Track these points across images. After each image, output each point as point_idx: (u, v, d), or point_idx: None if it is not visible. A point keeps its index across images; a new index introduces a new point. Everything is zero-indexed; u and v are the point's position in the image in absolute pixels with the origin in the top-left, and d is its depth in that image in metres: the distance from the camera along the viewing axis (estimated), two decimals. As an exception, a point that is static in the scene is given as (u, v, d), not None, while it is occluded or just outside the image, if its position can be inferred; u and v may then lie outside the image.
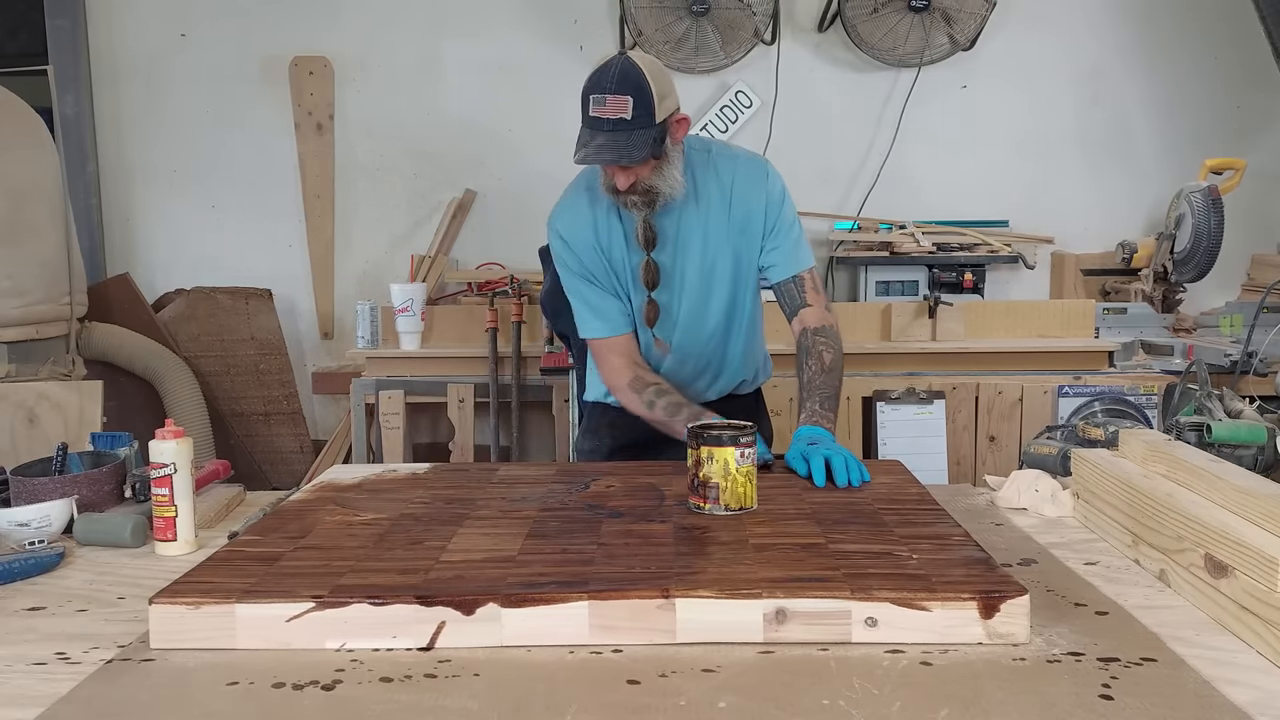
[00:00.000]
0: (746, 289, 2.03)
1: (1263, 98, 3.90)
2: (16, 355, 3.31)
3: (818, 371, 1.90)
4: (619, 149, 1.76)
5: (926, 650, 1.09)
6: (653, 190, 1.86)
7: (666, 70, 1.86)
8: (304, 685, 1.04)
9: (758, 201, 1.96)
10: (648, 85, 1.77)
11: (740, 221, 1.96)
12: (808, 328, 1.95)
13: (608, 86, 1.77)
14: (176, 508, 1.47)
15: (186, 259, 4.08)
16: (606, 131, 1.77)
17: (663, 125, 1.81)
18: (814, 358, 1.91)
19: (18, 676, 1.09)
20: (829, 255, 3.89)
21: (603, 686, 1.03)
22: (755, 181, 1.97)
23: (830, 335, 1.95)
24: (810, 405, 1.85)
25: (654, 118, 1.78)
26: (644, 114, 1.77)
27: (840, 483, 1.60)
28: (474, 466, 1.85)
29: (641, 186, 1.85)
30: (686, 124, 1.89)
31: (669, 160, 1.86)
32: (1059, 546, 1.47)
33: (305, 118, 4.00)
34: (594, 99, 1.78)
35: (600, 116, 1.77)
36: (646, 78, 1.78)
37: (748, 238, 1.97)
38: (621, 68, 1.78)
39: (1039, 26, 3.91)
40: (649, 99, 1.77)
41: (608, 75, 1.78)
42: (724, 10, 3.69)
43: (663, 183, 1.86)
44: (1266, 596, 1.08)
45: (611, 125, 1.77)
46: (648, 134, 1.78)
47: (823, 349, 1.92)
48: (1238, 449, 1.68)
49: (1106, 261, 3.79)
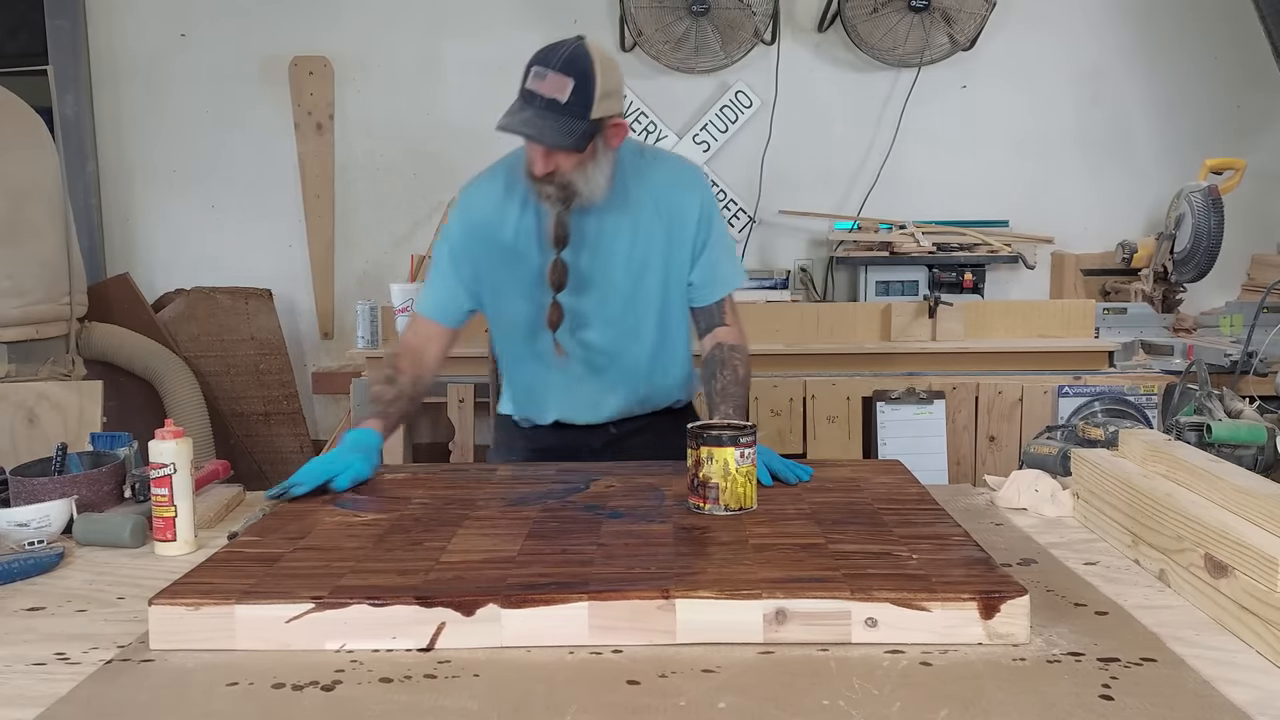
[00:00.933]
0: (677, 300, 1.95)
1: (1263, 98, 3.90)
2: (16, 355, 3.31)
3: (732, 381, 1.86)
4: (541, 127, 1.68)
5: (926, 650, 1.09)
6: (570, 186, 1.76)
7: (620, 71, 1.77)
8: (304, 686, 1.04)
9: (690, 212, 1.89)
10: (593, 76, 1.68)
11: (673, 231, 1.88)
12: (723, 343, 1.92)
13: (553, 63, 1.68)
14: (176, 508, 1.47)
15: (186, 259, 4.08)
16: (537, 108, 1.68)
17: (597, 123, 1.71)
18: (729, 369, 1.87)
19: (17, 677, 1.09)
20: (829, 255, 3.89)
21: (603, 687, 1.03)
22: (689, 191, 1.90)
23: (742, 353, 1.92)
24: (724, 409, 1.81)
25: (589, 111, 1.69)
26: (580, 103, 1.68)
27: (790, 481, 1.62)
28: (474, 466, 1.85)
29: (560, 179, 1.75)
30: (624, 131, 1.80)
31: (596, 162, 1.76)
32: (1059, 546, 1.47)
33: (305, 118, 4.00)
34: (535, 71, 1.69)
35: (535, 91, 1.68)
36: (595, 69, 1.69)
37: (677, 249, 1.89)
38: (574, 50, 1.70)
39: (1039, 26, 3.91)
40: (590, 90, 1.68)
41: (557, 53, 1.69)
42: (724, 10, 3.69)
43: (583, 182, 1.76)
44: (1266, 596, 1.08)
45: (544, 104, 1.68)
46: (577, 124, 1.68)
47: (737, 363, 1.89)
48: (1238, 449, 1.68)
49: (1106, 261, 3.79)
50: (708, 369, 1.90)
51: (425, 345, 1.93)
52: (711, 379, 1.88)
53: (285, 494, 1.58)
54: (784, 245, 3.99)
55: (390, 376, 1.88)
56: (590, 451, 2.00)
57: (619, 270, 1.88)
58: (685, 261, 1.91)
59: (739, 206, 3.93)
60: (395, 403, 1.85)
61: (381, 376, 1.89)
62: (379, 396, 1.85)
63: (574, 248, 1.84)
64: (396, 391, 1.86)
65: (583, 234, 1.84)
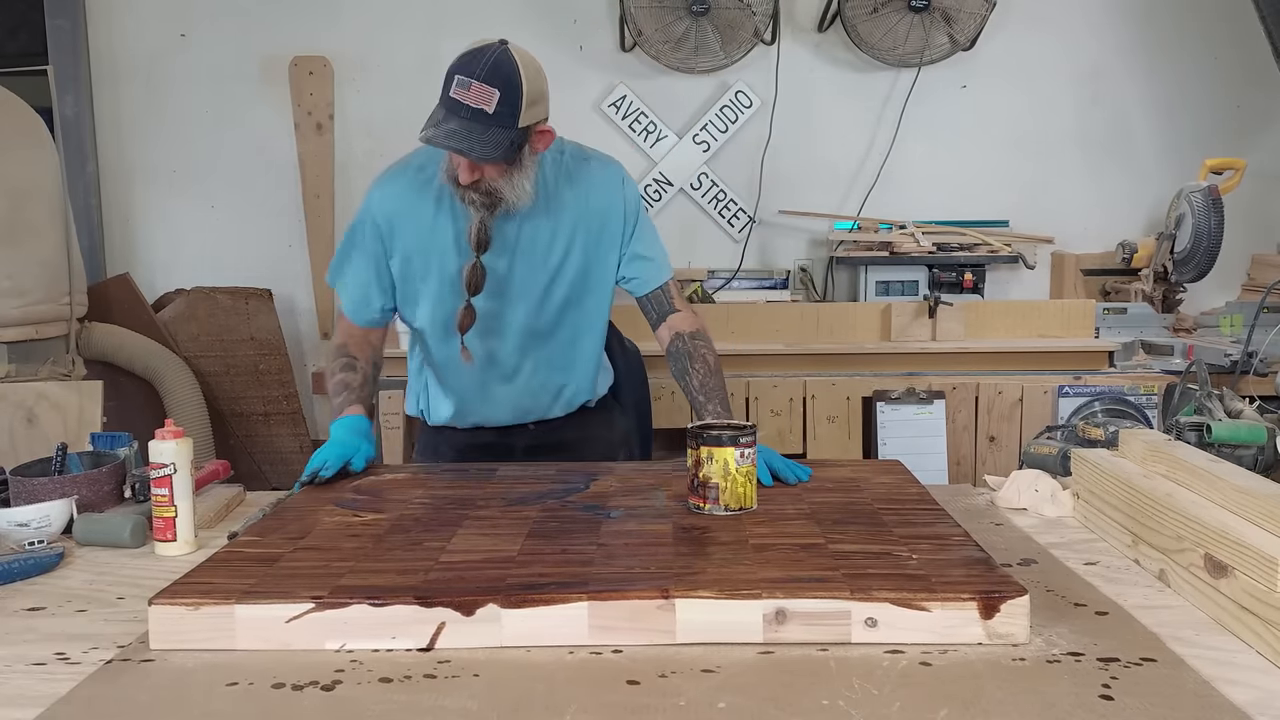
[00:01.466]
0: (600, 299, 1.92)
1: (1263, 98, 3.90)
2: (16, 355, 3.31)
3: (707, 375, 1.85)
4: (469, 140, 1.63)
5: (926, 650, 1.09)
6: (496, 194, 1.73)
7: (544, 75, 1.72)
8: (304, 686, 1.04)
9: (615, 209, 1.87)
10: (519, 84, 1.64)
11: (595, 229, 1.86)
12: (681, 332, 1.89)
13: (477, 72, 1.62)
14: (176, 508, 1.47)
15: (186, 259, 4.08)
16: (462, 118, 1.63)
17: (524, 131, 1.68)
18: (698, 361, 1.86)
19: (17, 676, 1.09)
20: (829, 255, 3.89)
21: (602, 687, 1.03)
22: (611, 188, 1.88)
23: (705, 339, 1.90)
24: (711, 407, 1.80)
25: (517, 120, 1.65)
26: (507, 113, 1.63)
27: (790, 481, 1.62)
28: (474, 466, 1.85)
29: (485, 186, 1.72)
30: (550, 137, 1.76)
31: (522, 168, 1.73)
32: (1059, 546, 1.47)
33: (305, 117, 3.99)
34: (459, 79, 1.63)
35: (460, 100, 1.63)
36: (521, 76, 1.64)
37: (603, 246, 1.88)
38: (498, 58, 1.64)
39: (1039, 26, 3.91)
40: (517, 99, 1.63)
41: (480, 61, 1.63)
42: (724, 10, 3.69)
43: (509, 190, 1.73)
44: (1266, 596, 1.08)
45: (469, 114, 1.63)
46: (506, 134, 1.65)
47: (704, 352, 1.87)
48: (1238, 449, 1.68)
49: (1106, 261, 3.79)
50: (676, 364, 1.88)
51: (365, 333, 1.95)
52: (685, 375, 1.86)
53: (315, 478, 1.66)
54: (784, 245, 3.99)
55: (349, 363, 1.90)
56: (512, 453, 1.99)
57: (538, 273, 1.85)
58: (610, 261, 1.90)
59: (739, 206, 3.93)
60: (365, 386, 1.89)
61: (340, 365, 1.89)
62: (348, 383, 1.86)
63: (493, 252, 1.81)
64: (361, 376, 1.89)
65: (503, 238, 1.81)
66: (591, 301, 1.92)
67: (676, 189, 3.94)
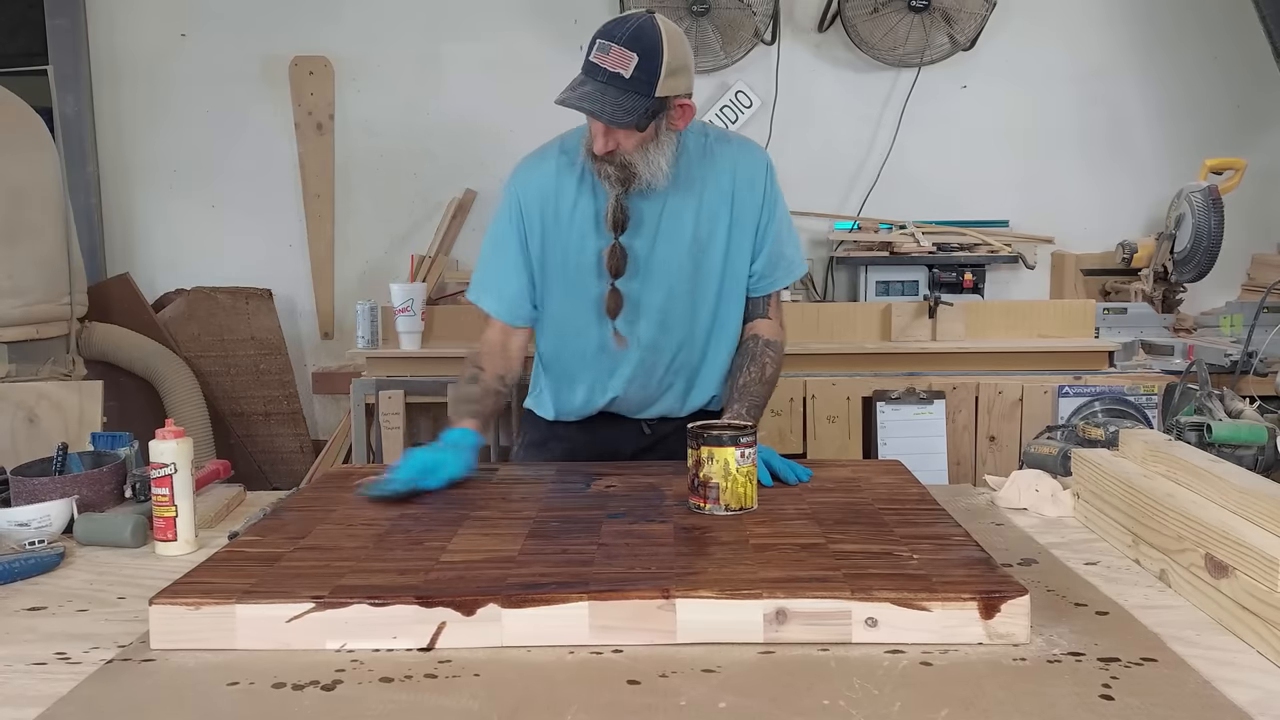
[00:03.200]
0: (735, 289, 1.88)
1: (1263, 98, 3.90)
2: (16, 355, 3.31)
3: (756, 379, 1.83)
4: (602, 102, 1.62)
5: (927, 650, 1.09)
6: (630, 168, 1.70)
7: (687, 51, 1.69)
8: (304, 685, 1.04)
9: (754, 198, 1.83)
10: (660, 52, 1.62)
11: (736, 215, 1.82)
12: (760, 335, 1.87)
13: (618, 37, 1.61)
14: (176, 508, 1.47)
15: (186, 259, 4.08)
16: (598, 82, 1.62)
17: (661, 102, 1.66)
18: (757, 365, 1.84)
19: (18, 676, 1.09)
20: (829, 255, 3.89)
21: (603, 687, 1.03)
22: (755, 175, 1.83)
23: (778, 351, 1.88)
24: (737, 408, 1.77)
25: (654, 88, 1.63)
26: (644, 79, 1.61)
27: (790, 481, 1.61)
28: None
29: (620, 159, 1.69)
30: (690, 112, 1.73)
31: (659, 144, 1.70)
32: (1059, 546, 1.47)
33: (305, 118, 3.99)
34: (599, 44, 1.63)
35: (598, 64, 1.62)
36: (663, 45, 1.62)
37: (740, 234, 1.83)
38: (641, 24, 1.63)
39: (1039, 26, 3.91)
40: (656, 66, 1.62)
41: (623, 26, 1.62)
42: (724, 10, 3.69)
43: (644, 164, 1.70)
44: (1267, 596, 1.08)
45: (606, 77, 1.61)
46: (641, 101, 1.63)
47: (767, 361, 1.85)
48: (1238, 449, 1.68)
49: (1106, 261, 3.79)
50: (738, 360, 1.87)
51: (506, 340, 1.88)
52: (738, 371, 1.85)
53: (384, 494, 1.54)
54: (784, 245, 3.99)
55: (474, 375, 1.85)
56: (622, 456, 1.94)
57: (681, 256, 1.81)
58: (747, 248, 1.85)
59: (739, 206, 3.93)
60: (484, 399, 1.83)
61: (466, 376, 1.86)
62: (467, 396, 1.83)
63: (633, 232, 1.78)
64: (482, 389, 1.84)
65: (642, 218, 1.78)
66: (729, 293, 1.87)
67: (676, 189, 3.93)
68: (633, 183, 1.72)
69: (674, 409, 1.96)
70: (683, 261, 1.82)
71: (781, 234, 1.88)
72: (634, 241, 1.79)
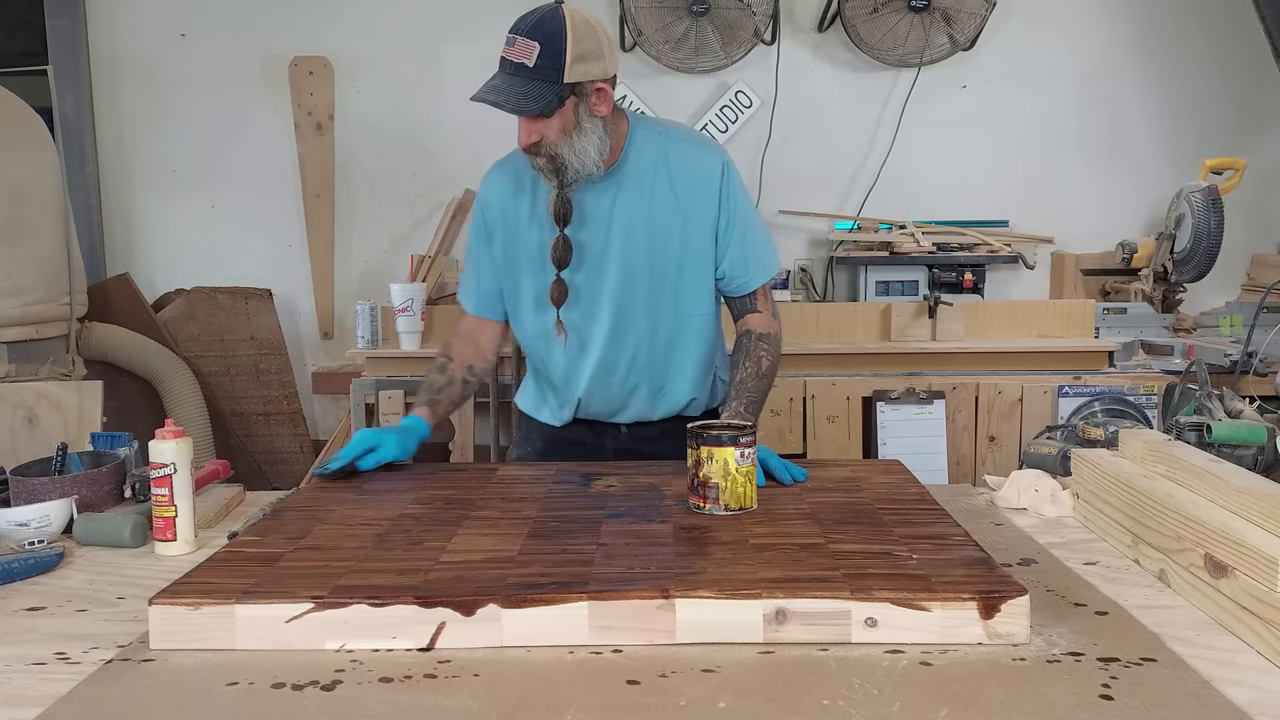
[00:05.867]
0: (701, 290, 1.87)
1: (1263, 98, 3.90)
2: (16, 355, 3.31)
3: (753, 375, 1.82)
4: (507, 93, 1.64)
5: (926, 650, 1.09)
6: (559, 159, 1.71)
7: (601, 36, 1.71)
8: (304, 685, 1.04)
9: (709, 199, 1.82)
10: (563, 38, 1.64)
11: (691, 217, 1.82)
12: (753, 330, 1.87)
13: (522, 28, 1.66)
14: (176, 508, 1.47)
15: (186, 259, 4.08)
16: (505, 74, 1.67)
17: (572, 88, 1.67)
18: (752, 360, 1.83)
19: (18, 676, 1.09)
20: (829, 255, 3.89)
21: (603, 686, 1.03)
22: (710, 177, 1.82)
23: (773, 343, 1.87)
24: (735, 405, 1.76)
25: (561, 74, 1.64)
26: (549, 66, 1.64)
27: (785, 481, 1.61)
28: (474, 466, 1.85)
29: (546, 150, 1.70)
30: (608, 96, 1.73)
31: (582, 131, 1.70)
32: (1059, 546, 1.47)
33: (305, 118, 3.99)
34: (508, 38, 1.67)
35: (506, 58, 1.67)
36: (566, 31, 1.64)
37: (697, 231, 1.83)
38: (544, 14, 1.66)
39: (1039, 26, 3.91)
40: (559, 53, 1.64)
41: (528, 19, 1.67)
42: (724, 10, 3.69)
43: (570, 153, 1.71)
44: (1266, 596, 1.08)
45: (512, 69, 1.66)
46: (548, 88, 1.64)
47: (763, 355, 1.84)
48: (1238, 449, 1.68)
49: (1106, 261, 3.79)
50: (734, 357, 1.87)
51: (478, 331, 1.96)
52: (734, 369, 1.85)
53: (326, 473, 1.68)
54: (784, 245, 3.99)
55: (442, 364, 1.90)
56: (601, 454, 1.96)
57: (633, 251, 1.82)
58: (707, 250, 1.84)
59: (739, 206, 3.94)
60: (445, 389, 1.88)
61: (436, 364, 1.91)
62: (430, 384, 1.88)
63: (578, 224, 1.80)
64: (447, 378, 1.89)
65: (590, 211, 1.80)
66: (689, 294, 1.86)
67: (676, 189, 3.93)
68: (565, 173, 1.73)
69: (645, 414, 1.96)
70: (636, 257, 1.82)
71: (747, 234, 1.86)
72: (581, 234, 1.81)
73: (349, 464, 1.69)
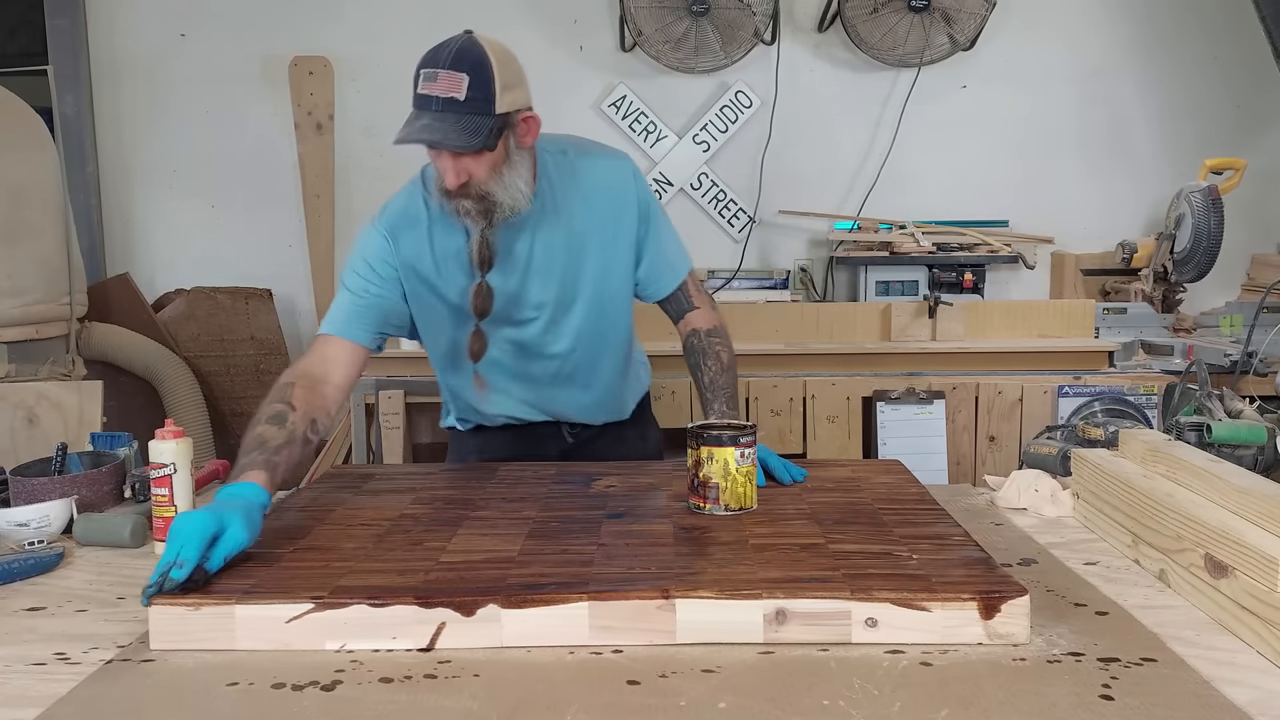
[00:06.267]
0: (620, 308, 1.83)
1: (1263, 98, 3.90)
2: (16, 355, 3.31)
3: (718, 371, 1.79)
4: (444, 130, 1.53)
5: (926, 650, 1.09)
6: (488, 197, 1.60)
7: (517, 61, 1.63)
8: (304, 686, 1.04)
9: (627, 209, 1.77)
10: (489, 67, 1.55)
11: (608, 232, 1.76)
12: (699, 329, 1.84)
13: (442, 62, 1.55)
14: (176, 508, 1.47)
15: (186, 259, 4.08)
16: (434, 111, 1.54)
17: (503, 119, 1.57)
18: (712, 358, 1.80)
19: (18, 676, 1.09)
20: (829, 255, 3.89)
21: (603, 687, 1.03)
22: (622, 186, 1.77)
23: (722, 335, 1.85)
24: (718, 407, 1.74)
25: (492, 105, 1.55)
26: (480, 98, 1.54)
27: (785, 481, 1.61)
28: (474, 466, 1.85)
29: (476, 190, 1.59)
30: (536, 125, 1.65)
31: (512, 165, 1.61)
32: (1059, 546, 1.47)
33: (305, 117, 3.99)
34: (424, 73, 1.56)
35: (428, 94, 1.55)
36: (490, 60, 1.56)
37: (617, 251, 1.77)
38: (462, 45, 1.57)
39: (1039, 26, 3.91)
40: (488, 82, 1.55)
41: (444, 51, 1.57)
42: (724, 10, 3.69)
43: (502, 190, 1.60)
44: (1266, 596, 1.08)
45: (441, 105, 1.54)
46: (483, 121, 1.54)
47: (719, 349, 1.82)
48: (1238, 449, 1.68)
49: (1106, 261, 3.79)
50: (691, 360, 1.84)
51: (327, 372, 1.66)
52: (698, 370, 1.82)
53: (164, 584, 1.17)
54: (784, 245, 3.99)
55: (280, 414, 1.53)
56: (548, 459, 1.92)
57: (553, 286, 1.75)
58: (627, 263, 1.80)
59: (739, 206, 3.93)
60: (285, 449, 1.48)
61: (269, 413, 1.53)
62: (264, 439, 1.47)
63: (500, 268, 1.70)
64: (287, 435, 1.50)
65: (509, 251, 1.70)
66: (613, 310, 1.83)
67: (676, 189, 3.94)
68: (494, 213, 1.62)
69: (590, 417, 1.93)
70: (553, 292, 1.75)
71: (661, 238, 1.83)
72: (499, 279, 1.71)
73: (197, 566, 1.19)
